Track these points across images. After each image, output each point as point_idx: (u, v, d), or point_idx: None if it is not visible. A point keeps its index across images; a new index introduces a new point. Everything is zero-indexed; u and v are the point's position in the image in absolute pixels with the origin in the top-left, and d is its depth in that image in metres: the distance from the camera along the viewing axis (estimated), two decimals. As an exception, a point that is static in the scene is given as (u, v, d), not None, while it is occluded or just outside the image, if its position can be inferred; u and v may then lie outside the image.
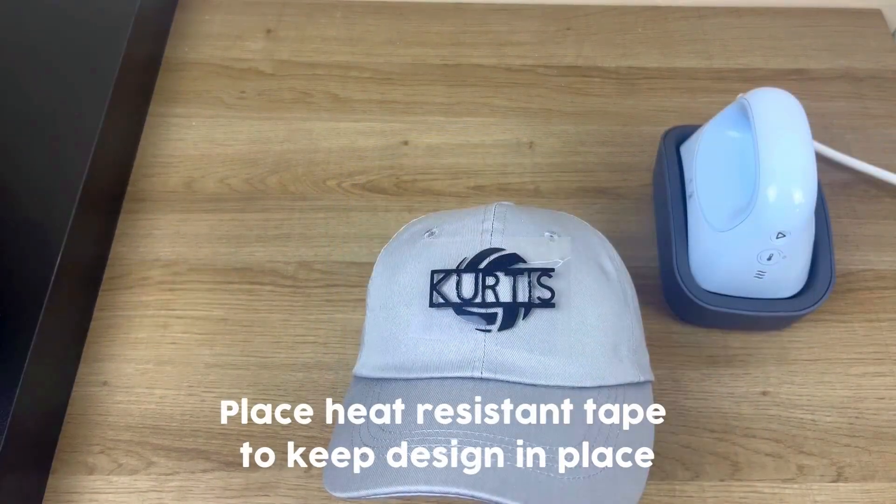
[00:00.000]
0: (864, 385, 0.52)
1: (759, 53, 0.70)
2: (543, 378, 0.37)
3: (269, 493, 0.48)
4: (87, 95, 0.59)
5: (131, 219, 0.60)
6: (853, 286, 0.56)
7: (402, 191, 0.62)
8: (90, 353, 0.54)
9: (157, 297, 0.56)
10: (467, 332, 0.38)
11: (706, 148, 0.53)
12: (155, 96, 0.67)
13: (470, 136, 0.65)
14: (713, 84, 0.68)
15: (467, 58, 0.70)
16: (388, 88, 0.68)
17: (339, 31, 0.72)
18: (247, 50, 0.70)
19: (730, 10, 0.73)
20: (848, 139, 0.64)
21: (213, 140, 0.64)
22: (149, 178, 0.62)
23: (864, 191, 0.61)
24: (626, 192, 0.61)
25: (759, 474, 0.48)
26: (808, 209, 0.45)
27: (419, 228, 0.44)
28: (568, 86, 0.68)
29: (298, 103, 0.67)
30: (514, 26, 0.72)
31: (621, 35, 0.72)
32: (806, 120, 0.46)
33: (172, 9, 0.73)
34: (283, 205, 0.61)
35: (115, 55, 0.61)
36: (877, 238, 0.59)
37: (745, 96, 0.49)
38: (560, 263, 0.39)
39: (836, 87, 0.67)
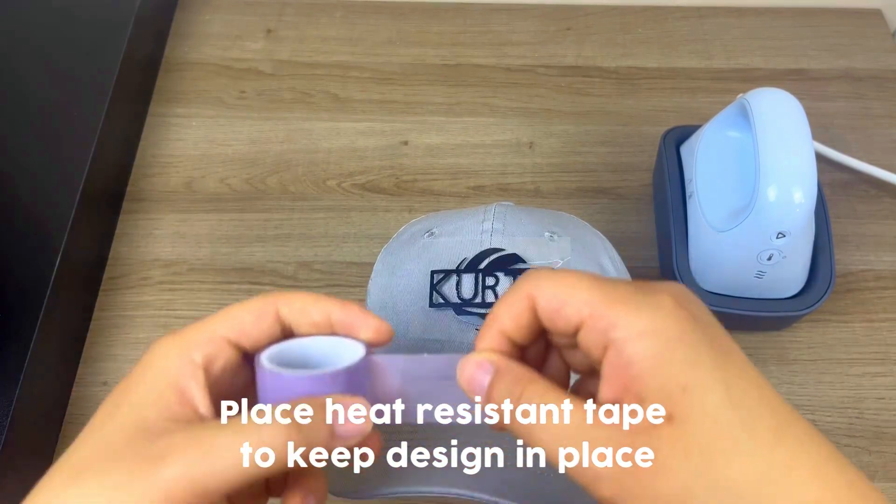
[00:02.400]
0: (864, 385, 0.52)
1: (759, 53, 0.70)
2: (543, 378, 0.37)
3: (269, 493, 0.48)
4: (87, 95, 0.59)
5: (131, 219, 0.60)
6: (853, 286, 0.56)
7: (402, 191, 0.62)
8: (90, 353, 0.54)
9: (157, 298, 0.56)
10: (467, 333, 0.38)
11: (706, 148, 0.53)
12: (155, 96, 0.67)
13: (470, 136, 0.65)
14: (713, 84, 0.68)
15: (467, 58, 0.70)
16: (388, 88, 0.68)
17: (338, 31, 0.72)
18: (247, 50, 0.70)
19: (730, 10, 0.73)
20: (848, 139, 0.64)
21: (213, 140, 0.64)
22: (149, 177, 0.62)
23: (864, 191, 0.61)
24: (626, 192, 0.61)
25: (759, 474, 0.48)
26: (808, 209, 0.45)
27: (419, 228, 0.44)
28: (568, 86, 0.68)
29: (298, 103, 0.67)
30: (514, 26, 0.72)
31: (621, 35, 0.72)
32: (806, 120, 0.46)
33: (172, 9, 0.73)
34: (283, 205, 0.61)
35: (116, 55, 0.61)
36: (877, 238, 0.59)
37: (745, 96, 0.49)
38: (560, 263, 0.39)
39: (836, 87, 0.67)
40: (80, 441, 0.26)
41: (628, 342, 0.24)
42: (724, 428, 0.23)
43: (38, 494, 0.25)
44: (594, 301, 0.25)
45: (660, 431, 0.23)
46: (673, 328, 0.24)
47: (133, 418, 0.25)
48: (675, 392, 0.23)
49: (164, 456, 0.24)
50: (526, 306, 0.26)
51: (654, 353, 0.23)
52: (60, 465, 0.25)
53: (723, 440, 0.23)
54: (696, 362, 0.23)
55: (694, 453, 0.22)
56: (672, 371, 0.23)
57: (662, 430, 0.23)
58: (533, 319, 0.27)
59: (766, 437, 0.23)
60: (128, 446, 0.25)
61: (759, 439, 0.23)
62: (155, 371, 0.27)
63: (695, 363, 0.23)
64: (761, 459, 0.23)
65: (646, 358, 0.23)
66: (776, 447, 0.23)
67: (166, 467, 0.24)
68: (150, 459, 0.24)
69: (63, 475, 0.25)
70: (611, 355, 0.24)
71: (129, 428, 0.25)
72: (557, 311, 0.25)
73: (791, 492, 0.22)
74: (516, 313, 0.27)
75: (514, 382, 0.26)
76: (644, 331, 0.24)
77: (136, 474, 0.24)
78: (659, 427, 0.23)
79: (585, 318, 0.25)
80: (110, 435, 0.25)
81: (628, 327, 0.24)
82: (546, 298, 0.26)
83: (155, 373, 0.27)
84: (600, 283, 0.25)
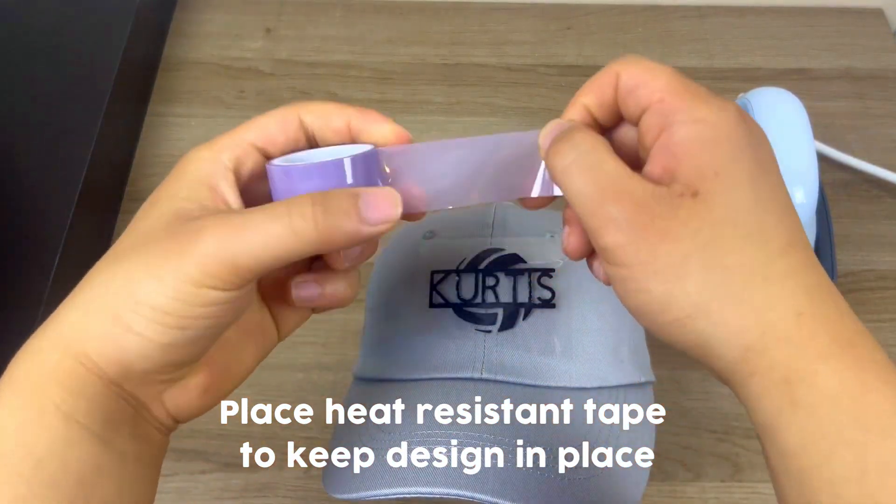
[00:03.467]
0: (865, 385, 0.52)
1: (759, 53, 0.70)
2: (543, 378, 0.37)
3: (268, 494, 0.48)
4: (86, 95, 0.59)
5: (130, 219, 0.60)
6: (854, 286, 0.56)
7: (402, 190, 0.61)
8: (89, 354, 0.54)
9: (156, 297, 0.56)
10: (467, 333, 0.38)
11: (707, 147, 0.53)
12: (154, 96, 0.67)
13: (470, 135, 0.65)
14: (714, 84, 0.68)
15: (467, 57, 0.70)
16: (388, 88, 0.68)
17: (338, 31, 0.72)
18: (246, 49, 0.70)
19: (730, 10, 0.73)
20: (849, 139, 0.64)
21: (213, 140, 0.64)
22: (148, 177, 0.62)
23: (865, 190, 0.61)
24: (627, 191, 0.61)
25: (761, 475, 0.48)
26: (809, 209, 0.45)
27: (419, 229, 0.44)
28: (568, 85, 0.68)
29: (298, 103, 0.66)
30: (514, 26, 0.72)
31: (621, 35, 0.72)
32: (807, 119, 0.46)
33: (172, 8, 0.73)
34: (282, 204, 0.61)
35: (115, 54, 0.61)
36: (878, 238, 0.59)
37: (746, 96, 0.49)
38: (560, 263, 0.39)
39: (836, 87, 0.67)
40: (122, 236, 0.28)
41: (684, 126, 0.25)
42: (739, 220, 0.24)
43: (86, 280, 0.27)
44: (668, 88, 0.26)
45: (682, 201, 0.24)
46: (726, 127, 0.25)
47: (169, 208, 0.27)
48: (707, 174, 0.24)
49: (198, 232, 0.26)
50: (610, 82, 0.28)
51: (702, 138, 0.25)
52: (105, 256, 0.28)
53: (732, 229, 0.24)
54: (736, 159, 0.25)
55: (704, 231, 0.24)
56: (712, 156, 0.25)
57: (684, 201, 0.24)
58: (613, 97, 0.28)
59: (773, 245, 0.24)
60: (164, 230, 0.26)
61: (768, 243, 0.24)
62: (189, 172, 0.29)
63: (734, 159, 0.25)
64: (761, 261, 0.24)
65: (694, 141, 0.25)
66: (781, 256, 0.24)
67: (201, 243, 0.25)
68: (186, 237, 0.26)
69: (107, 260, 0.27)
70: (664, 136, 0.26)
71: (166, 215, 0.27)
72: (633, 90, 0.27)
73: (778, 295, 0.24)
74: (600, 87, 0.28)
75: (584, 129, 0.28)
76: (700, 119, 0.25)
77: (172, 250, 0.26)
78: (682, 198, 0.24)
79: (654, 101, 0.26)
80: (148, 224, 0.27)
81: (689, 113, 0.25)
82: (629, 74, 0.27)
83: (189, 174, 0.29)
84: (679, 77, 0.27)
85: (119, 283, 0.26)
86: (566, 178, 0.27)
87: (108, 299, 0.26)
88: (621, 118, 0.29)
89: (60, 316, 0.27)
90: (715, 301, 0.24)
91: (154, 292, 0.25)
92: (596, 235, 0.25)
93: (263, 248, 0.25)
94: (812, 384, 0.23)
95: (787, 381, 0.23)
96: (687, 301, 0.24)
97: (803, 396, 0.23)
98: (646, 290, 0.25)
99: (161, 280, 0.25)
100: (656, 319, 0.25)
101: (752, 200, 0.25)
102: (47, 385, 0.25)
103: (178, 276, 0.25)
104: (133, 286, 0.26)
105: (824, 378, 0.23)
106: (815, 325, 0.23)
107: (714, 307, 0.24)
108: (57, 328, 0.26)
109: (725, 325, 0.24)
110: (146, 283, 0.25)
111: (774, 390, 0.23)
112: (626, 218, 0.24)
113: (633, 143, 0.29)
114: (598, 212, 0.25)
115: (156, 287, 0.25)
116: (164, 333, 0.26)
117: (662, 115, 0.26)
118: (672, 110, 0.26)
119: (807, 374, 0.23)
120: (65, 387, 0.25)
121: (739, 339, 0.24)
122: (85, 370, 0.26)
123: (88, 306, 0.26)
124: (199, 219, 0.26)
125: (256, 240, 0.25)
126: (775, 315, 0.24)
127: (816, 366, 0.23)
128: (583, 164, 0.26)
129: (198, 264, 0.25)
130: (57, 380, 0.25)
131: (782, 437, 0.23)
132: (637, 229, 0.24)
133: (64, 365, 0.26)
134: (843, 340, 0.23)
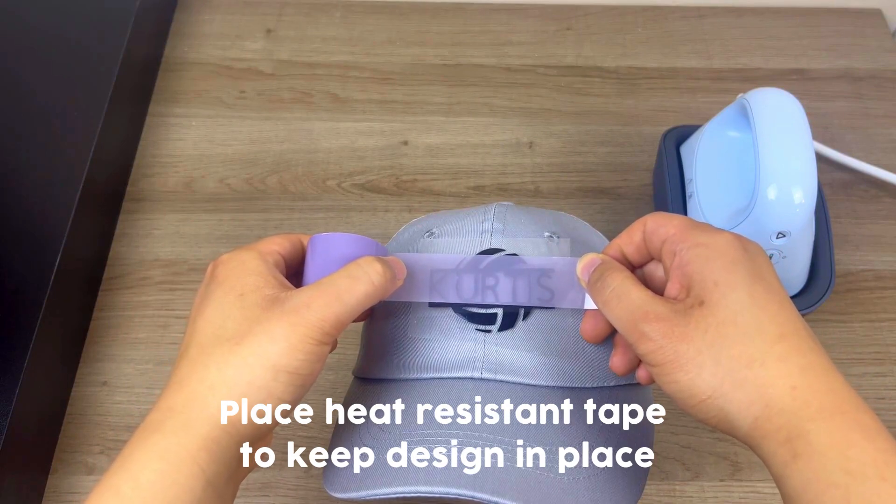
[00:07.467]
0: (864, 385, 0.52)
1: (758, 53, 0.70)
2: (543, 378, 0.37)
3: (268, 493, 0.48)
4: (86, 95, 0.59)
5: (131, 219, 0.60)
6: (853, 286, 0.56)
7: (402, 191, 0.62)
8: (90, 353, 0.54)
9: (156, 297, 0.56)
10: (467, 333, 0.38)
11: (706, 148, 0.53)
12: (155, 96, 0.67)
13: (470, 136, 0.65)
14: (713, 84, 0.68)
15: (467, 58, 0.70)
16: (388, 88, 0.68)
17: (338, 31, 0.72)
18: (246, 50, 0.70)
19: (730, 10, 0.73)
20: (848, 139, 0.64)
21: (213, 140, 0.64)
22: (148, 177, 0.62)
23: (864, 191, 0.61)
24: (626, 192, 0.61)
25: (760, 474, 0.48)
26: (808, 209, 0.45)
27: (419, 228, 0.44)
28: (568, 86, 0.68)
29: (298, 103, 0.67)
30: (514, 26, 0.72)
31: (621, 35, 0.72)
32: (806, 120, 0.46)
33: (172, 8, 0.73)
34: (283, 205, 0.61)
35: (115, 55, 0.61)
36: (877, 238, 0.59)
37: (745, 96, 0.49)
38: (560, 264, 0.39)
39: (835, 87, 0.67)
40: (200, 335, 0.33)
41: (689, 249, 0.33)
42: (738, 319, 0.31)
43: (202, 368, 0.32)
44: (680, 226, 0.34)
45: (693, 311, 0.31)
46: (722, 247, 0.32)
47: (260, 297, 0.33)
48: (709, 285, 0.32)
49: (308, 305, 0.32)
50: (639, 228, 0.36)
51: (702, 257, 0.32)
52: (207, 347, 0.32)
53: (734, 327, 0.30)
54: (730, 270, 0.32)
55: (710, 330, 0.31)
56: (710, 270, 0.32)
57: (695, 311, 0.31)
58: (642, 238, 0.36)
59: (769, 335, 0.30)
60: (267, 311, 0.32)
61: (763, 335, 0.30)
62: (249, 269, 0.34)
63: (729, 270, 0.32)
64: (758, 349, 0.30)
65: (696, 260, 0.32)
66: (775, 344, 0.30)
67: (315, 310, 0.32)
68: (298, 311, 0.32)
69: (222, 349, 0.32)
70: (676, 259, 0.33)
71: (261, 302, 0.33)
72: (655, 230, 0.35)
73: (775, 375, 0.30)
74: (631, 232, 0.36)
75: (614, 267, 0.36)
76: (701, 243, 0.33)
77: (294, 322, 0.32)
78: (693, 308, 0.31)
79: (670, 235, 0.34)
80: (243, 314, 0.33)
81: (693, 240, 0.33)
82: (653, 221, 0.35)
83: (250, 270, 0.34)
84: (689, 219, 0.35)
85: (254, 359, 0.32)
86: (607, 309, 0.34)
87: (248, 371, 0.32)
88: (650, 257, 0.36)
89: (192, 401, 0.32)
90: (726, 384, 0.30)
91: (289, 357, 0.32)
92: (635, 346, 0.32)
93: (357, 303, 0.33)
94: (808, 441, 0.28)
95: (788, 439, 0.29)
96: (706, 386, 0.30)
97: (802, 450, 0.29)
98: (675, 381, 0.31)
99: (293, 346, 0.32)
100: (687, 402, 0.31)
101: (747, 302, 0.31)
102: (199, 453, 0.31)
103: (305, 340, 0.32)
104: (269, 359, 0.32)
105: (816, 435, 0.28)
106: (807, 396, 0.29)
107: (726, 389, 0.30)
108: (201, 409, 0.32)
109: (738, 402, 0.30)
110: (281, 352, 0.32)
111: (780, 448, 0.29)
112: (653, 330, 0.31)
113: (661, 274, 0.36)
114: (633, 330, 0.32)
115: (290, 353, 0.32)
116: (294, 393, 0.33)
117: (675, 244, 0.34)
118: (681, 240, 0.33)
119: (802, 432, 0.29)
120: (211, 452, 0.31)
121: (750, 411, 0.30)
122: (229, 438, 0.32)
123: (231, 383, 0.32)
124: (290, 298, 0.33)
125: (352, 299, 0.33)
126: (774, 391, 0.30)
127: (809, 426, 0.29)
128: (616, 296, 0.34)
129: (318, 328, 0.32)
130: (207, 448, 0.31)
131: (788, 483, 0.29)
132: (662, 337, 0.31)
133: (213, 434, 0.31)
134: (832, 407, 0.29)
